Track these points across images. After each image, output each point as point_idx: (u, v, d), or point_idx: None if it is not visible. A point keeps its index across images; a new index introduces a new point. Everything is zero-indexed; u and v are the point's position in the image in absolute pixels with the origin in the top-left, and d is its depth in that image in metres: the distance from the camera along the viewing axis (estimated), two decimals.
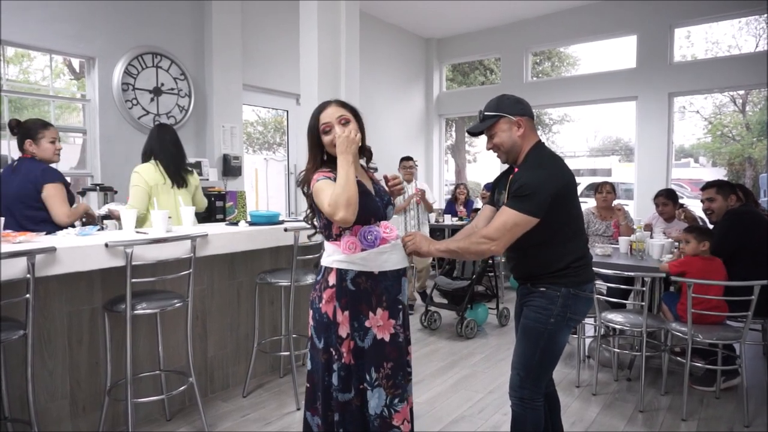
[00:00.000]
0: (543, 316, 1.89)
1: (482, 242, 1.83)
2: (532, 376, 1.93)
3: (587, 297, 1.93)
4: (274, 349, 3.34)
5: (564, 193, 1.83)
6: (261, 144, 8.35)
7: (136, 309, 2.29)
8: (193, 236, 2.46)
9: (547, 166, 1.86)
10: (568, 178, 1.88)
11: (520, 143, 1.92)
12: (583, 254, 1.94)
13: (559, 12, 7.26)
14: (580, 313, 1.94)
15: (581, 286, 1.90)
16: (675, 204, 4.21)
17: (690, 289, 2.73)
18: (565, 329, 1.91)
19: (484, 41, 8.12)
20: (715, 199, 3.32)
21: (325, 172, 1.83)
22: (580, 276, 1.90)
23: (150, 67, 4.93)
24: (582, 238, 1.97)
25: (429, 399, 3.06)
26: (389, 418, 1.83)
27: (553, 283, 1.89)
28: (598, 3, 6.96)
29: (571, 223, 1.90)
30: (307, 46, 4.48)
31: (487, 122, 1.95)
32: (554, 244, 1.88)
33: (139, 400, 2.46)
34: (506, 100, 1.97)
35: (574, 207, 1.91)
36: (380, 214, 1.89)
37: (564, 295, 1.87)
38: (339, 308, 1.83)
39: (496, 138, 1.95)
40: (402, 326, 1.90)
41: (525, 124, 1.92)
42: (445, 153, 9.33)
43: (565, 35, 7.42)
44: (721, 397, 3.06)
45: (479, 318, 4.45)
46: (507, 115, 1.92)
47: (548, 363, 1.95)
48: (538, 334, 1.91)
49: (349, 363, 1.83)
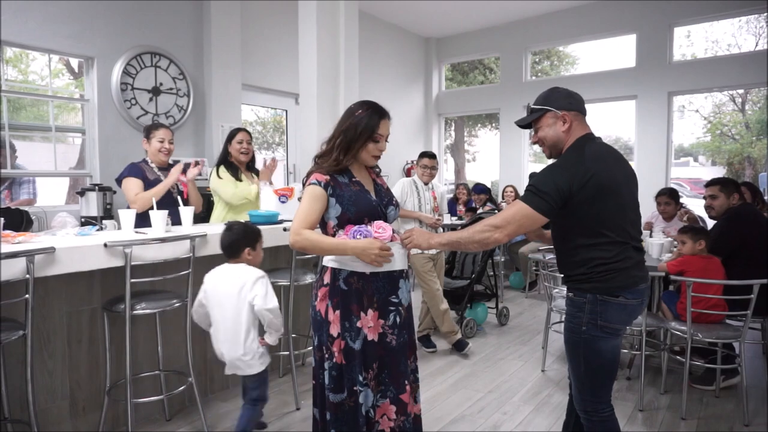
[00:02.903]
0: (574, 324, 1.82)
1: (486, 230, 1.76)
2: (587, 388, 1.84)
3: (621, 304, 1.76)
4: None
5: (584, 191, 1.70)
6: (260, 144, 8.35)
7: (135, 309, 2.29)
8: (192, 236, 2.46)
9: (567, 164, 1.78)
10: (592, 175, 1.71)
11: (564, 138, 1.85)
12: (618, 259, 1.75)
13: (559, 11, 7.26)
14: (617, 321, 1.78)
15: (612, 291, 1.75)
16: (677, 204, 4.21)
17: (689, 288, 2.73)
18: (605, 338, 1.77)
19: (484, 40, 8.12)
20: (718, 197, 3.31)
21: (322, 176, 1.85)
22: (610, 282, 1.75)
23: (149, 66, 4.92)
24: (618, 241, 1.76)
25: (429, 398, 3.06)
26: (373, 417, 1.86)
27: (578, 288, 1.81)
28: (598, 2, 6.95)
29: (595, 223, 1.74)
30: (306, 45, 4.47)
31: (534, 115, 1.90)
32: (576, 245, 1.78)
33: (138, 401, 2.46)
34: (556, 94, 1.89)
35: (602, 207, 1.73)
36: (376, 214, 1.88)
37: (590, 301, 1.77)
38: (331, 307, 1.85)
39: (540, 132, 1.90)
40: (394, 327, 1.88)
41: (571, 119, 1.84)
42: (444, 152, 9.32)
43: (565, 34, 7.42)
44: (720, 396, 3.06)
45: (479, 317, 4.45)
46: (553, 109, 1.85)
47: (599, 373, 1.82)
48: (575, 344, 1.83)
49: (341, 363, 1.84)
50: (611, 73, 7.04)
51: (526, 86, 7.65)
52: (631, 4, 6.66)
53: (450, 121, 11.02)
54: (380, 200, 1.93)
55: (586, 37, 7.35)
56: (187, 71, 5.20)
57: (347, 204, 1.83)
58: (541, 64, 11.51)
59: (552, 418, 2.78)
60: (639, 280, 1.80)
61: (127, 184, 3.06)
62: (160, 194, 2.99)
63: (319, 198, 1.83)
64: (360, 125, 1.84)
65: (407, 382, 1.91)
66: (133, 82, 4.81)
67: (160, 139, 3.14)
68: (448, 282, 4.41)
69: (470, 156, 14.26)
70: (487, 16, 7.53)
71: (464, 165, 13.53)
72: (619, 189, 1.78)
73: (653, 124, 6.66)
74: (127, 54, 4.75)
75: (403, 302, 1.92)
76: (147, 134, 3.18)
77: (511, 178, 7.56)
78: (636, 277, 1.79)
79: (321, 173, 1.85)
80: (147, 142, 3.17)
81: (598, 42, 7.46)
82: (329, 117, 4.43)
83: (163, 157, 3.18)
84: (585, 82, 7.13)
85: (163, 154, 3.17)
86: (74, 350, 2.45)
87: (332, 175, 1.86)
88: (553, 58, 11.89)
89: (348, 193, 1.85)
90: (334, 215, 1.85)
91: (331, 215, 1.86)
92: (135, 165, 3.14)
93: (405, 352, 1.92)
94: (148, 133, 3.17)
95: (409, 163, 7.87)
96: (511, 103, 7.68)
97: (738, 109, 10.99)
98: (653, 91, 6.63)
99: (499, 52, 8.04)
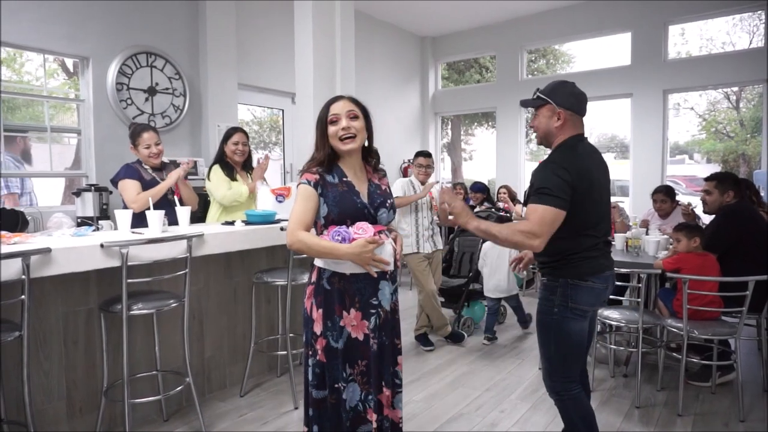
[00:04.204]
0: (547, 307, 1.98)
1: (527, 237, 1.83)
2: (557, 368, 2.00)
3: (589, 287, 1.93)
4: (271, 349, 3.33)
5: (578, 188, 1.85)
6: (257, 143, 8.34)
7: (132, 309, 2.28)
8: (188, 236, 2.46)
9: (565, 162, 1.88)
10: (584, 173, 1.87)
11: (555, 133, 1.98)
12: (589, 247, 1.92)
13: (554, 9, 7.27)
14: (585, 303, 1.94)
15: (582, 276, 1.92)
16: (673, 201, 4.22)
17: (685, 286, 2.74)
18: (574, 319, 1.94)
19: (479, 39, 8.12)
20: (712, 193, 3.33)
21: (311, 175, 1.85)
22: (580, 267, 1.92)
23: (144, 66, 4.91)
24: (591, 233, 1.93)
25: (426, 397, 3.06)
26: (363, 412, 1.85)
27: (552, 274, 1.98)
28: (593, 1, 6.97)
29: (578, 219, 1.88)
30: (302, 44, 4.47)
31: (535, 102, 2.02)
32: (556, 237, 1.88)
33: (136, 401, 2.46)
34: (560, 88, 1.99)
35: (587, 204, 1.89)
36: (360, 217, 1.85)
37: (562, 285, 1.94)
38: (315, 305, 1.87)
39: (536, 120, 2.03)
40: (374, 330, 1.85)
41: (566, 117, 1.95)
42: (441, 151, 9.32)
43: (560, 33, 7.43)
44: (716, 392, 3.08)
45: (476, 316, 4.45)
46: (552, 102, 1.96)
47: (569, 353, 1.98)
48: (547, 325, 1.99)
49: (323, 361, 1.86)
50: (607, 71, 7.05)
51: (522, 85, 7.66)
52: (626, 3, 6.68)
53: (446, 120, 11.02)
54: (371, 202, 1.90)
55: (582, 36, 7.37)
56: (183, 71, 5.19)
57: (331, 205, 1.84)
58: (537, 63, 11.52)
59: (549, 415, 2.79)
60: (605, 267, 1.98)
61: (125, 185, 3.05)
62: (158, 196, 2.99)
63: (310, 197, 1.83)
64: (319, 117, 1.90)
65: (384, 383, 1.88)
66: (128, 82, 4.79)
67: (146, 145, 3.11)
68: (445, 280, 4.42)
69: (467, 155, 14.26)
70: (482, 15, 7.53)
71: (461, 164, 13.54)
72: (600, 188, 1.95)
73: (649, 122, 6.68)
74: (123, 54, 4.73)
75: (383, 304, 1.88)
76: (132, 141, 3.14)
77: (507, 177, 7.57)
78: (602, 265, 1.97)
79: (311, 173, 1.86)
80: (134, 149, 3.14)
81: (594, 40, 7.48)
82: None
83: (154, 161, 3.16)
84: (581, 80, 7.03)
85: (153, 159, 3.15)
86: (71, 351, 2.44)
87: (322, 174, 1.86)
88: (549, 56, 11.90)
89: (333, 193, 1.85)
90: (322, 215, 1.86)
91: (320, 215, 1.87)
92: (130, 166, 3.13)
93: (387, 356, 1.89)
94: (134, 140, 3.14)
95: (406, 162, 7.86)
96: (508, 101, 7.69)
97: (732, 106, 11.03)
98: (648, 89, 6.64)
99: (495, 51, 8.05)
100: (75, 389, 2.46)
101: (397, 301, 1.98)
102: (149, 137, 3.12)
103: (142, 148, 3.11)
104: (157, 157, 3.16)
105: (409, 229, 3.88)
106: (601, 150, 2.06)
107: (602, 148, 14.08)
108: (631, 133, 6.92)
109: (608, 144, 12.75)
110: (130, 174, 3.08)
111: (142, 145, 3.11)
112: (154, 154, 3.13)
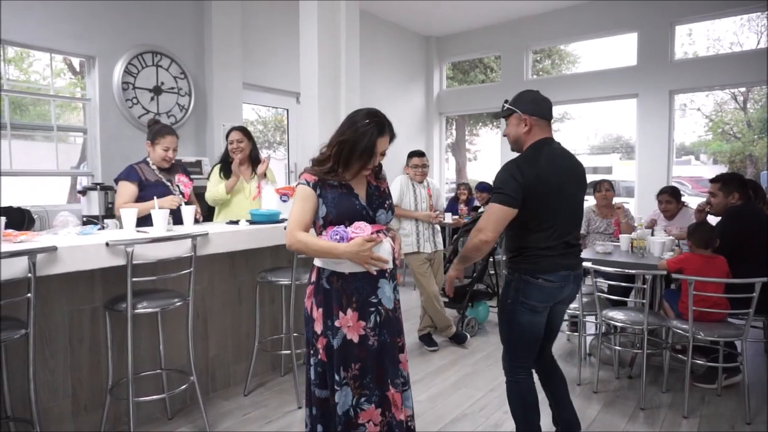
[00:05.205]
0: (504, 297, 2.16)
1: (473, 235, 2.03)
2: (508, 351, 2.19)
3: (540, 285, 2.03)
4: (275, 348, 3.34)
5: (533, 188, 1.96)
6: (261, 143, 8.36)
7: (137, 308, 2.29)
8: (193, 235, 2.47)
9: (523, 163, 2.02)
10: (537, 173, 1.97)
11: (524, 139, 2.11)
12: (546, 247, 2.02)
13: (560, 10, 7.25)
14: (536, 299, 2.05)
15: (536, 274, 2.03)
16: (678, 202, 4.20)
17: (691, 287, 2.72)
18: (524, 312, 2.06)
19: (484, 39, 8.11)
20: (717, 195, 3.32)
21: (310, 175, 1.86)
22: (536, 264, 2.03)
23: (150, 66, 4.93)
24: (549, 232, 2.02)
25: (430, 397, 3.06)
26: (354, 418, 1.84)
27: (510, 268, 2.14)
28: (599, 1, 6.93)
29: (534, 217, 2.00)
30: (307, 44, 4.47)
31: (504, 112, 2.18)
32: (515, 234, 2.07)
33: (140, 399, 2.46)
34: (524, 97, 2.14)
35: (541, 201, 1.98)
36: (359, 218, 1.86)
37: (516, 279, 2.09)
38: (315, 305, 1.89)
39: (507, 129, 2.19)
40: (375, 328, 1.86)
41: (532, 123, 2.08)
42: (445, 151, 9.32)
43: (566, 33, 7.40)
44: (722, 394, 3.06)
45: (480, 316, 4.45)
46: (518, 111, 2.10)
47: (517, 341, 2.14)
48: (501, 312, 2.19)
49: (325, 360, 1.87)
50: (612, 72, 7.02)
51: (527, 85, 7.64)
52: (632, 3, 6.64)
53: (451, 120, 11.01)
54: (369, 204, 1.90)
55: (587, 36, 7.33)
56: (188, 70, 5.21)
57: (330, 206, 1.85)
58: (542, 63, 11.49)
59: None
60: (561, 267, 2.05)
61: (119, 188, 3.06)
62: (143, 212, 2.78)
63: (308, 198, 1.85)
64: (360, 143, 1.81)
65: (389, 380, 1.87)
66: (134, 82, 4.81)
67: (165, 147, 3.10)
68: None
69: (471, 155, 14.25)
70: (487, 15, 7.52)
71: (465, 164, 13.53)
72: (560, 190, 2.02)
73: (655, 123, 6.64)
74: (129, 53, 4.75)
75: (384, 302, 1.88)
76: (152, 138, 3.11)
77: None
78: (558, 264, 2.04)
79: (310, 173, 1.87)
80: (151, 145, 3.12)
81: (600, 41, 7.44)
82: (330, 116, 4.43)
83: (165, 164, 3.16)
84: (586, 81, 7.12)
85: (165, 162, 3.15)
86: (76, 349, 2.45)
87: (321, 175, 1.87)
88: (554, 56, 11.87)
89: (332, 194, 1.86)
90: (320, 215, 1.87)
91: (318, 215, 1.87)
92: (133, 168, 3.10)
93: (388, 353, 1.89)
94: (154, 138, 3.11)
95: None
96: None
97: (740, 107, 10.97)
98: (654, 89, 6.61)
99: (500, 51, 8.03)
100: (80, 387, 2.47)
101: (398, 299, 1.99)
102: (171, 141, 3.12)
103: (160, 149, 3.09)
104: (169, 161, 3.17)
105: (410, 228, 3.88)
106: (606, 151, 2.10)
107: (607, 149, 14.05)
108: (636, 133, 6.88)
109: (613, 145, 12.71)
110: (131, 177, 3.06)
111: (161, 145, 3.09)
112: (168, 158, 3.14)
